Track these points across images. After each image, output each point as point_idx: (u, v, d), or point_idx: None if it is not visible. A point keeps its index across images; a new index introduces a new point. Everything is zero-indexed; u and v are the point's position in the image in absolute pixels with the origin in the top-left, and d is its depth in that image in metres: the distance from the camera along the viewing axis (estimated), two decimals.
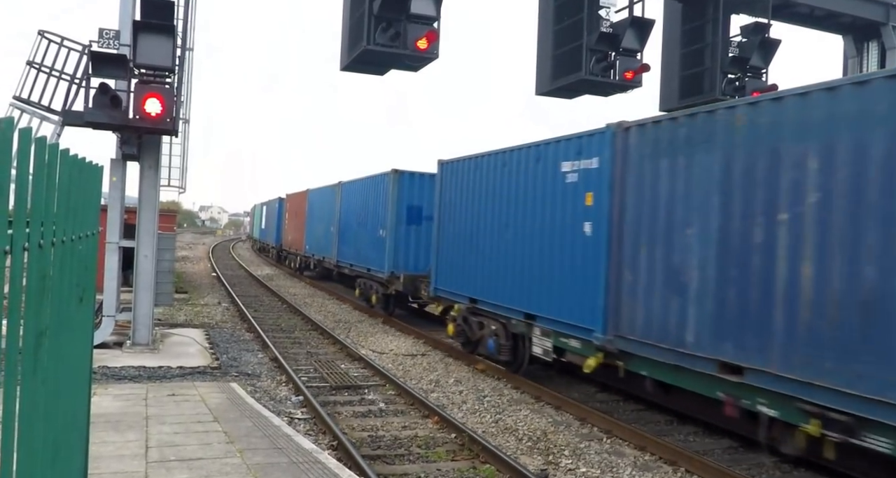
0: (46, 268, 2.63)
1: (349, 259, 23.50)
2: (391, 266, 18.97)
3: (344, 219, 24.81)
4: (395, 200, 19.05)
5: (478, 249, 13.52)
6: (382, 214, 19.84)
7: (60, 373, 3.10)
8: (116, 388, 10.16)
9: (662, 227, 8.75)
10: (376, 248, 20.20)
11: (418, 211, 18.91)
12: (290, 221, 37.33)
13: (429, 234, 17.41)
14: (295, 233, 35.18)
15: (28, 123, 12.45)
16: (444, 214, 15.45)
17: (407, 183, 19.17)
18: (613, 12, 13.58)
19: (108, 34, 12.47)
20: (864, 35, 16.97)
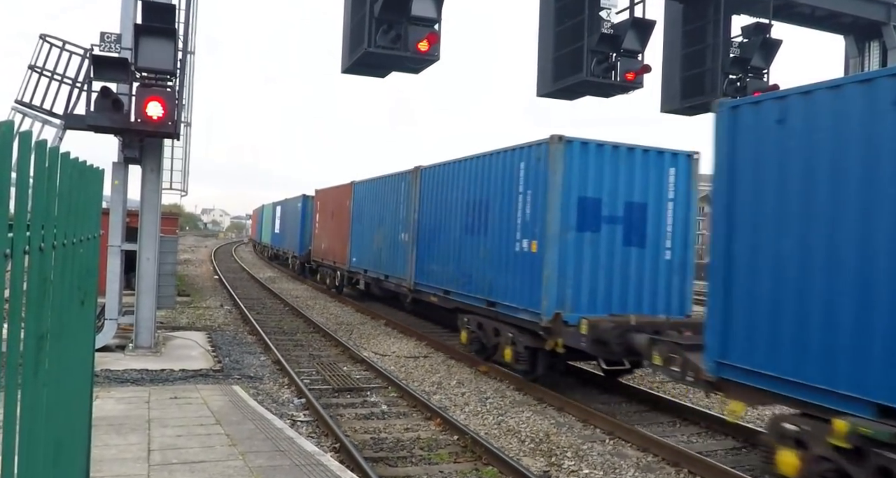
0: (47, 271, 2.64)
1: (445, 284, 15.26)
2: (554, 303, 11.06)
3: (428, 222, 16.72)
4: (558, 190, 11.17)
5: None
6: (527, 215, 11.92)
7: (62, 376, 3.10)
8: (119, 391, 10.17)
9: None
10: (514, 270, 12.21)
11: (595, 208, 11.29)
12: (322, 225, 28.84)
13: (613, 245, 11.31)
14: (332, 240, 26.65)
15: (30, 127, 12.47)
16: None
17: (578, 160, 11.23)
18: (614, 13, 13.58)
19: (109, 38, 12.49)
20: (866, 35, 16.96)
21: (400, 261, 18.46)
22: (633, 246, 11.44)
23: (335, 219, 26.30)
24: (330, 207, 27.46)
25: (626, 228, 11.42)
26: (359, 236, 22.84)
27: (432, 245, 16.32)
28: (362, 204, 22.86)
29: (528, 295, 11.59)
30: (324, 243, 28.38)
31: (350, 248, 23.72)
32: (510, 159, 12.55)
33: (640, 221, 11.53)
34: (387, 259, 19.71)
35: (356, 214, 23.40)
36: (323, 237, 28.63)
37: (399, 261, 18.53)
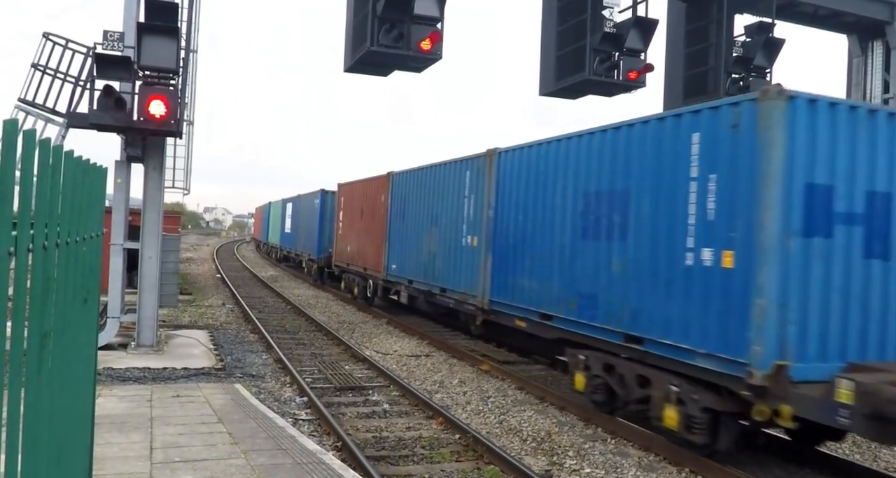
0: (50, 269, 2.64)
1: (543, 305, 11.39)
2: (774, 349, 7.23)
3: (511, 221, 12.75)
4: (777, 173, 7.35)
5: None
6: (710, 212, 8.01)
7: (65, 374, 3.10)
8: (121, 389, 10.18)
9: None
10: (684, 293, 8.33)
11: (825, 201, 7.61)
12: (348, 224, 24.41)
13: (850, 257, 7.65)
14: (361, 242, 22.26)
15: (33, 126, 12.49)
16: None
17: (805, 127, 7.51)
18: (617, 12, 13.58)
19: (112, 36, 12.51)
20: (869, 34, 16.93)
21: (465, 271, 14.26)
22: (875, 258, 7.75)
23: (366, 217, 21.85)
24: (358, 203, 23.10)
25: (867, 230, 7.75)
26: (400, 238, 18.57)
27: (519, 252, 12.27)
28: (405, 199, 18.41)
29: (717, 333, 7.71)
30: (350, 246, 23.80)
31: (387, 252, 19.38)
32: (673, 129, 8.66)
33: (884, 221, 7.84)
34: (444, 268, 15.34)
35: (396, 212, 19.10)
36: (349, 239, 23.93)
37: (464, 271, 14.36)
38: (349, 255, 23.96)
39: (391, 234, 19.33)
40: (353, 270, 23.41)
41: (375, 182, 21.31)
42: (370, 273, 21.22)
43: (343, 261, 24.74)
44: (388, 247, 19.45)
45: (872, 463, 8.57)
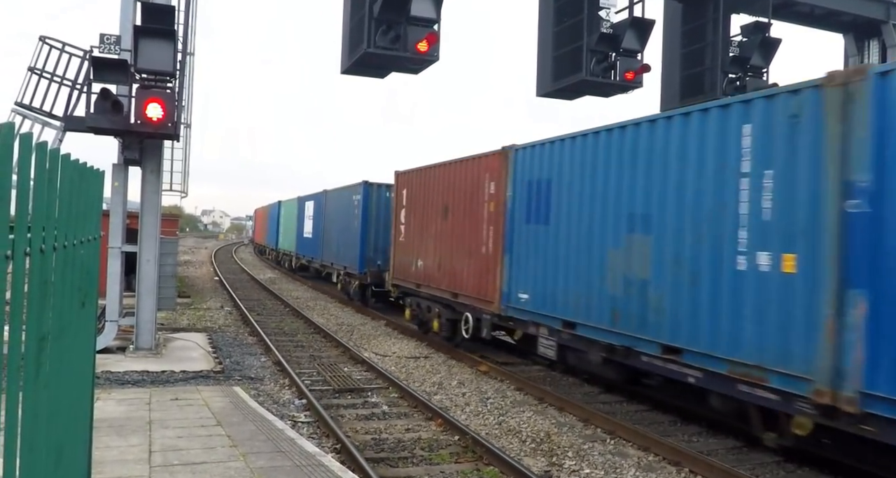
0: (48, 273, 2.64)
1: None
2: None
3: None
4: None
5: None
6: None
7: (63, 377, 3.10)
8: (120, 392, 10.17)
9: None
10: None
11: None
12: (418, 229, 17.29)
13: None
14: (450, 255, 15.22)
15: (30, 129, 12.48)
16: None
17: None
18: (613, 13, 13.59)
19: (109, 39, 12.49)
20: (865, 33, 16.96)
21: (758, 319, 7.36)
22: None
23: (456, 217, 14.87)
24: (438, 198, 15.95)
25: None
26: (536, 250, 11.83)
27: None
28: (552, 186, 11.55)
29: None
30: (422, 259, 16.63)
31: (507, 271, 12.67)
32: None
33: None
34: (676, 309, 8.61)
35: (526, 208, 12.24)
36: (419, 248, 16.85)
37: (751, 319, 7.44)
38: (421, 272, 16.66)
39: (515, 242, 12.39)
40: (429, 295, 16.06)
41: (475, 164, 14.15)
42: (468, 302, 14.01)
43: (408, 280, 17.43)
44: (507, 263, 12.57)
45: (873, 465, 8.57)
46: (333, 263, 26.59)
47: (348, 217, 24.21)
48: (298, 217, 34.90)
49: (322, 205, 29.19)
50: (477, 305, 13.68)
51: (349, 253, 23.74)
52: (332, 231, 27.09)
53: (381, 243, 21.81)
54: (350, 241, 23.68)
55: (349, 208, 24.17)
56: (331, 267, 27.25)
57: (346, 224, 24.44)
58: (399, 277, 18.25)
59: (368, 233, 22.53)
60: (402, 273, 17.97)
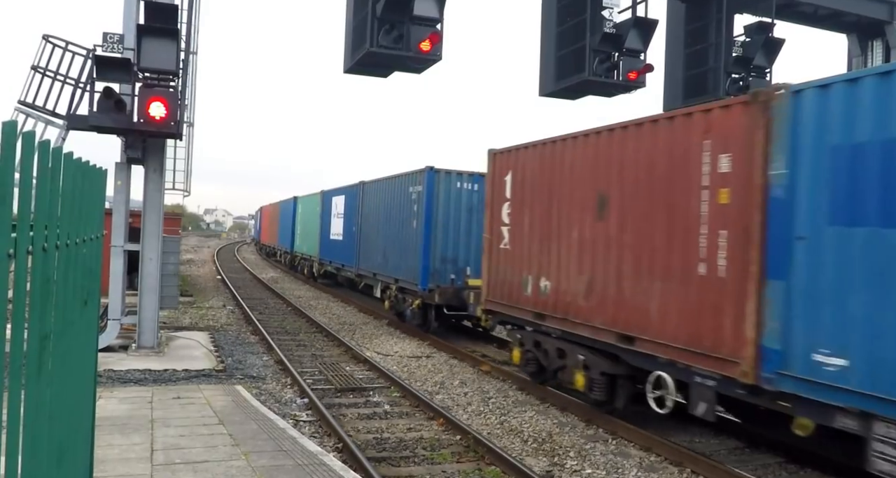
0: (50, 271, 2.64)
1: None
2: None
3: None
4: None
5: None
6: None
7: (65, 376, 3.10)
8: (122, 391, 10.18)
9: None
10: None
11: None
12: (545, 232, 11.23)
13: None
14: (611, 274, 9.61)
15: (33, 128, 12.51)
16: None
17: None
18: (616, 13, 13.57)
19: (112, 38, 12.51)
20: (869, 34, 16.93)
21: None
22: None
23: (625, 216, 9.53)
24: (584, 185, 10.43)
25: None
26: (861, 276, 6.33)
27: None
28: None
29: None
30: (549, 277, 11.14)
31: (772, 311, 7.11)
32: None
33: None
34: None
35: (821, 200, 6.72)
36: (541, 262, 11.35)
37: None
38: (546, 297, 11.11)
39: (802, 260, 6.93)
40: (562, 332, 10.71)
41: (677, 127, 8.66)
42: (661, 354, 8.66)
43: (517, 305, 11.97)
44: (778, 297, 7.09)
45: None
46: (377, 274, 20.56)
47: (403, 215, 18.46)
48: (322, 215, 29.02)
49: (357, 200, 23.35)
50: (688, 361, 8.16)
51: (405, 262, 18.08)
52: (375, 233, 21.15)
53: (453, 250, 16.85)
54: (406, 246, 18.05)
55: (404, 203, 18.38)
56: (372, 278, 21.27)
57: (399, 224, 18.66)
58: (498, 300, 12.51)
59: (433, 236, 16.72)
60: (505, 295, 12.23)
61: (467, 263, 16.78)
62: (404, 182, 18.60)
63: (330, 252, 27.57)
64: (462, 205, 16.95)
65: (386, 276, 19.71)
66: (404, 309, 18.10)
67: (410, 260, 17.62)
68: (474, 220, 16.48)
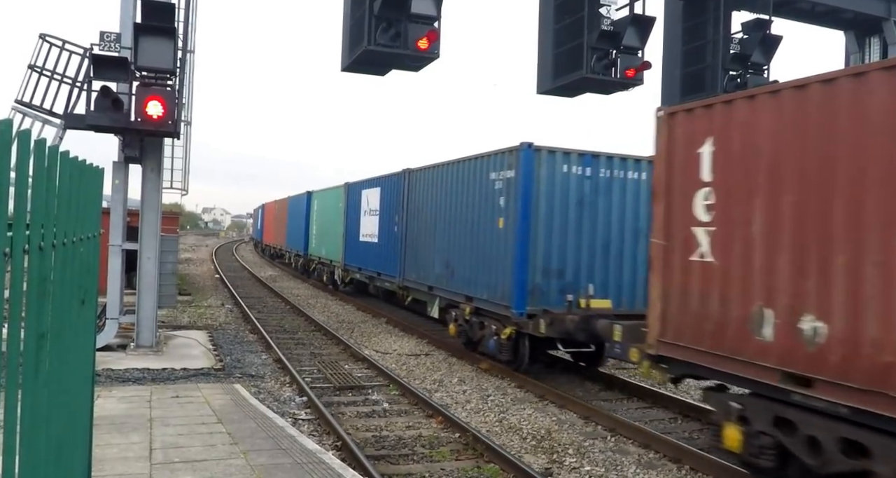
0: (47, 270, 2.63)
1: None
2: None
3: None
4: None
5: None
6: None
7: (62, 375, 3.10)
8: (120, 390, 10.18)
9: None
10: None
11: None
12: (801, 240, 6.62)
13: None
14: None
15: (30, 127, 12.48)
16: None
17: None
18: (614, 10, 13.58)
19: (108, 37, 12.49)
20: (866, 30, 16.93)
21: None
22: None
23: None
24: None
25: None
26: None
27: None
28: None
29: None
30: (829, 317, 6.30)
31: None
32: None
33: None
34: None
35: None
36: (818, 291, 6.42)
37: None
38: (822, 350, 6.42)
39: None
40: (863, 418, 6.03)
41: None
42: None
43: (749, 357, 7.16)
44: None
45: None
46: (435, 289, 15.94)
47: (480, 211, 13.82)
48: (347, 213, 24.62)
49: (400, 193, 18.76)
50: None
51: (484, 275, 13.45)
52: (429, 234, 16.49)
53: (559, 259, 12.30)
54: (486, 253, 13.42)
55: (482, 195, 13.69)
56: (426, 293, 16.63)
57: (474, 223, 14.08)
58: (687, 344, 8.03)
59: (533, 240, 12.22)
60: (706, 336, 7.78)
61: (585, 276, 12.34)
62: (481, 167, 13.82)
63: (359, 257, 22.95)
64: (570, 196, 12.40)
65: (451, 292, 15.00)
66: (484, 338, 13.46)
67: (495, 272, 13.00)
68: (586, 216, 12.45)
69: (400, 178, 18.93)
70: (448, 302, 15.25)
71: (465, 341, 14.63)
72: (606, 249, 12.49)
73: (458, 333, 14.79)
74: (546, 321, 11.65)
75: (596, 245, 12.45)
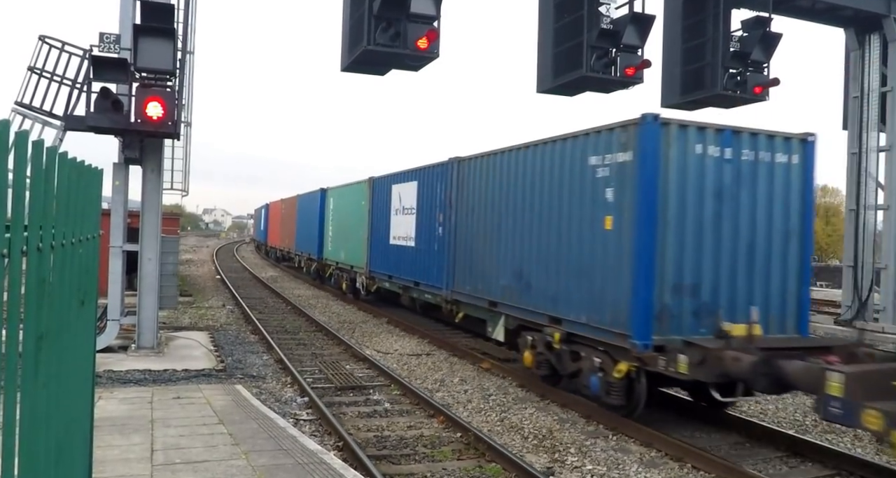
0: (45, 271, 2.63)
1: None
2: None
3: None
4: None
5: None
6: None
7: (62, 376, 3.09)
8: (122, 391, 10.17)
9: None
10: None
11: None
12: None
13: None
14: None
15: (30, 129, 12.48)
16: None
17: None
18: (613, 9, 13.58)
19: (108, 38, 12.48)
20: (866, 28, 16.92)
21: None
22: None
23: None
24: None
25: None
26: None
27: None
28: None
29: None
30: None
31: None
32: None
33: None
34: None
35: None
36: None
37: None
38: None
39: None
40: None
41: None
42: None
43: None
44: None
45: (874, 457, 8.57)
46: (501, 305, 12.87)
47: (574, 206, 10.72)
48: (374, 212, 21.48)
49: (448, 186, 15.55)
50: None
51: (587, 291, 10.30)
52: (493, 237, 13.29)
53: (693, 272, 9.40)
54: (587, 262, 10.28)
55: (579, 186, 10.58)
56: (486, 310, 13.55)
57: (563, 222, 10.98)
58: None
59: (661, 246, 9.23)
60: None
61: (725, 294, 9.49)
62: (573, 150, 10.68)
63: (388, 263, 19.72)
64: (706, 186, 9.45)
65: (525, 310, 11.82)
66: (581, 373, 10.37)
67: (599, 287, 9.92)
68: (726, 213, 9.49)
69: (446, 169, 15.73)
70: (520, 323, 12.08)
71: (546, 374, 11.39)
72: (750, 257, 9.60)
73: (538, 363, 11.45)
74: (691, 358, 8.38)
75: (738, 252, 9.53)
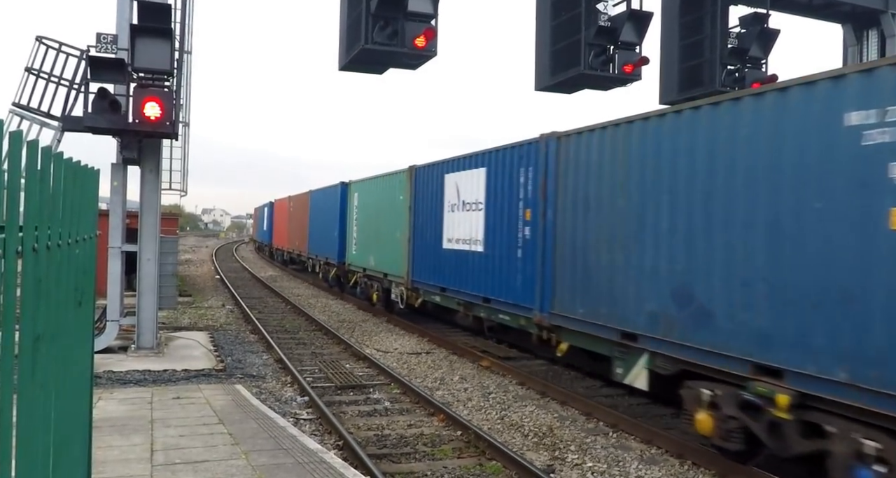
0: (41, 272, 2.62)
1: None
2: None
3: None
4: None
5: None
6: None
7: (59, 377, 3.09)
8: (121, 392, 10.17)
9: None
10: None
11: None
12: None
13: None
14: None
15: (28, 130, 12.47)
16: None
17: None
18: (611, 6, 13.54)
19: (105, 39, 12.46)
20: (864, 23, 16.90)
21: None
22: None
23: None
24: None
25: None
26: None
27: None
28: None
29: None
30: None
31: None
32: None
33: None
34: None
35: None
36: None
37: None
38: None
39: None
40: None
41: None
42: None
43: None
44: None
45: None
46: (640, 337, 9.04)
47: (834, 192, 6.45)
48: (415, 208, 17.74)
49: (537, 172, 11.79)
50: None
51: (848, 329, 6.25)
52: (628, 241, 9.37)
53: None
54: (847, 284, 6.29)
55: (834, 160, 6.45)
56: (621, 345, 9.41)
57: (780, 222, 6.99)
58: None
59: None
60: None
61: None
62: (812, 102, 6.75)
63: (441, 272, 15.90)
64: None
65: (703, 351, 7.92)
66: (837, 463, 6.46)
67: (882, 326, 6.02)
68: None
69: (534, 149, 11.94)
70: (685, 368, 8.33)
71: (740, 449, 7.59)
72: None
73: (725, 433, 7.63)
74: None
75: None
